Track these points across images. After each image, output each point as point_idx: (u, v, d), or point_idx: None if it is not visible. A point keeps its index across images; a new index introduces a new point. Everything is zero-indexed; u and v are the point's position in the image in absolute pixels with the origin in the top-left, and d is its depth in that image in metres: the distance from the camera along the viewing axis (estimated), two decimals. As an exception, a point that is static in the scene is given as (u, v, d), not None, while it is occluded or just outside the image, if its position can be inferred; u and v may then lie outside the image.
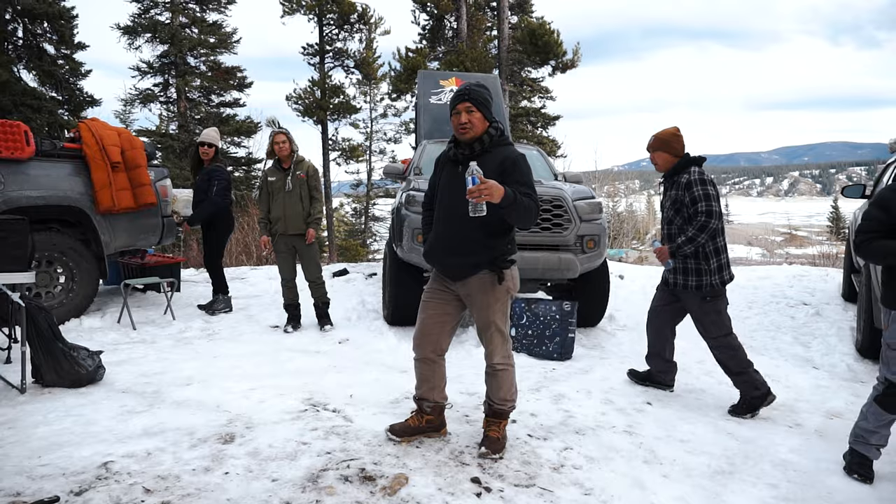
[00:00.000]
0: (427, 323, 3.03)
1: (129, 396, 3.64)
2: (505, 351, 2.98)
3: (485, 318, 2.93)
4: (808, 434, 3.49)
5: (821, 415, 3.83)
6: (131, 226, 5.96)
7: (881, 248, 2.76)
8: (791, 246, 40.22)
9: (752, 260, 27.51)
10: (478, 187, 2.54)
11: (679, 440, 3.27)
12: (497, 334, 2.94)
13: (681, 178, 3.81)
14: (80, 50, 16.96)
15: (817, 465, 3.04)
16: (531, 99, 21.61)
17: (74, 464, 2.66)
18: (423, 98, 8.04)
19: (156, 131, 19.54)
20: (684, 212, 3.80)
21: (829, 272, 8.69)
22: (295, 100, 21.17)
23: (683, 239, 3.72)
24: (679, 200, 3.82)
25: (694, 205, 3.73)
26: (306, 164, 5.62)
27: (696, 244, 3.70)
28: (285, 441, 2.97)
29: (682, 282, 3.85)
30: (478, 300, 2.91)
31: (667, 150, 3.87)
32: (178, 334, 5.43)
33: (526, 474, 2.74)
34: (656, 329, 4.19)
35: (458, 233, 2.84)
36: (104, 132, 5.75)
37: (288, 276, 5.63)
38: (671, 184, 3.90)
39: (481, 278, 2.87)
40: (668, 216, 3.92)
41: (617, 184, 35.86)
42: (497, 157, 2.82)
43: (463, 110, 2.82)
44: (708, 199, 3.69)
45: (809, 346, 5.57)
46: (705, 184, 3.72)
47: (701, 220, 3.67)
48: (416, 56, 18.00)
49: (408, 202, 5.34)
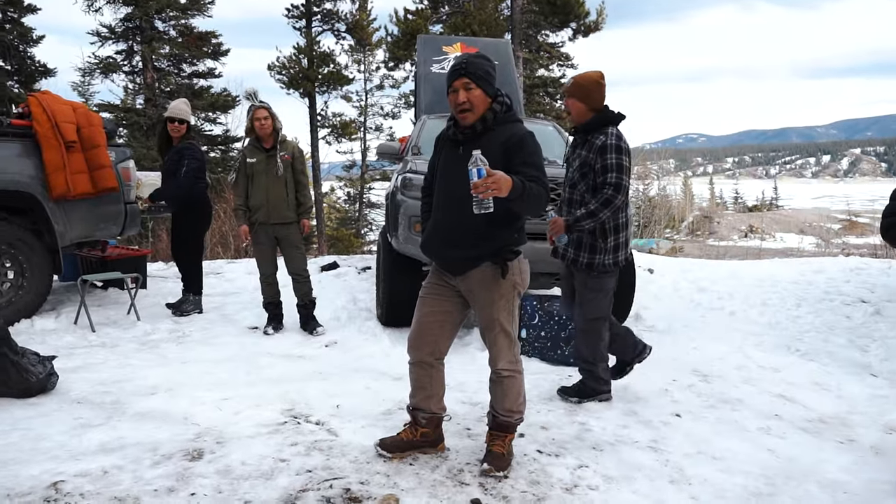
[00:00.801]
0: (424, 322, 3.03)
1: (85, 407, 3.67)
2: (511, 355, 2.98)
3: (488, 317, 2.93)
4: (863, 451, 3.48)
5: (878, 429, 3.82)
6: (89, 214, 5.98)
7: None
8: (850, 234, 40.07)
9: (805, 251, 27.41)
10: (484, 181, 2.52)
11: (711, 457, 3.27)
12: (502, 335, 2.94)
13: (595, 138, 3.75)
14: (30, 13, 17.05)
15: (871, 486, 3.03)
16: (549, 67, 21.56)
17: (20, 483, 2.69)
18: (424, 66, 8.04)
19: (119, 106, 19.63)
20: (590, 178, 3.77)
21: (892, 265, 8.65)
22: (278, 69, 21.21)
23: (583, 212, 3.70)
24: (588, 163, 3.78)
25: (604, 174, 3.69)
26: (291, 144, 5.63)
27: (596, 220, 3.70)
28: (261, 458, 2.99)
29: (573, 256, 3.88)
30: (480, 296, 2.92)
31: (585, 99, 3.79)
32: (144, 337, 5.47)
33: (534, 495, 2.75)
34: (570, 309, 4.20)
35: (458, 221, 2.84)
36: (57, 107, 5.76)
37: (268, 270, 5.64)
38: (583, 142, 3.84)
39: (483, 272, 2.88)
40: (573, 178, 3.89)
41: (649, 164, 35.82)
42: (501, 135, 2.81)
43: (461, 87, 2.78)
44: (619, 170, 3.67)
45: (867, 350, 5.55)
46: (621, 152, 3.69)
47: (607, 194, 3.65)
48: (417, 18, 17.96)
49: (404, 186, 5.34)
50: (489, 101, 2.83)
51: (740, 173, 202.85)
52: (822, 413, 4.02)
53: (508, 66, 8.01)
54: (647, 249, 17.53)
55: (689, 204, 39.08)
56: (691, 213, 46.53)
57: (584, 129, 3.83)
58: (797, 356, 5.45)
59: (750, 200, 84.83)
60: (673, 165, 72.67)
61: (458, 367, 4.68)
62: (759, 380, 4.68)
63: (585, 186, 3.80)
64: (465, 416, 3.68)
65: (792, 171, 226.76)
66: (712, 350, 5.40)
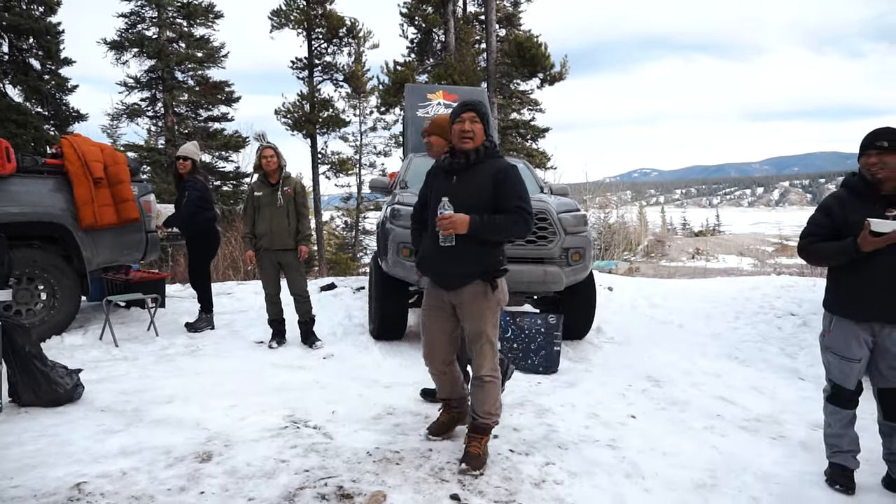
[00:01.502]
0: (431, 340, 3.15)
1: (108, 415, 3.60)
2: (494, 363, 3.03)
3: (476, 329, 2.98)
4: (792, 446, 3.50)
5: (805, 426, 3.84)
6: (114, 241, 5.92)
7: (823, 249, 2.88)
8: (782, 256, 40.49)
9: (744, 270, 27.68)
10: (440, 220, 2.78)
11: (662, 453, 3.27)
12: (488, 345, 3.00)
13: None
14: (66, 65, 17.00)
15: (800, 478, 3.04)
16: (520, 111, 21.76)
17: (47, 485, 2.63)
18: (411, 111, 8.08)
19: (143, 146, 19.54)
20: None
21: (816, 282, 8.74)
22: (284, 113, 21.23)
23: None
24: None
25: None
26: (294, 179, 5.63)
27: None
28: (264, 459, 2.95)
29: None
30: (471, 310, 2.97)
31: (445, 135, 3.56)
32: (161, 351, 5.39)
33: (506, 490, 2.73)
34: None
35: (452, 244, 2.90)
36: (86, 148, 5.74)
37: (272, 291, 5.61)
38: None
39: (475, 288, 2.95)
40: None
41: (608, 195, 36.07)
42: (490, 168, 2.96)
43: (467, 119, 2.96)
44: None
45: (796, 357, 5.59)
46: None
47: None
48: (405, 69, 18.12)
49: (393, 216, 5.35)
50: (484, 138, 3.00)
51: (687, 203, 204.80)
52: (758, 413, 4.04)
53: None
54: (608, 270, 17.61)
55: (644, 230, 39.29)
56: (646, 238, 46.83)
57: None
58: (736, 363, 5.49)
59: (696, 226, 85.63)
60: (629, 196, 73.31)
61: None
62: (703, 384, 4.70)
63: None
64: (446, 420, 3.64)
65: (731, 201, 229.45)
66: (663, 358, 5.42)
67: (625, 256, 29.58)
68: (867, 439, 3.60)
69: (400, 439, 3.28)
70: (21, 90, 16.37)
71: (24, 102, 16.26)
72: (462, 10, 20.77)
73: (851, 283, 2.87)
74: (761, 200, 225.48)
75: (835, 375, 2.98)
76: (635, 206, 64.86)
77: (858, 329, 2.88)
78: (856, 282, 2.85)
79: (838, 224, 2.85)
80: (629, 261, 25.74)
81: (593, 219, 28.12)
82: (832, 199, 2.94)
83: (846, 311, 2.90)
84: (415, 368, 4.96)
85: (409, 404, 3.90)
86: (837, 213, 2.86)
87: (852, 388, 2.95)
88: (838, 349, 2.94)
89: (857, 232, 2.75)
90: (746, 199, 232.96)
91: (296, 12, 21.13)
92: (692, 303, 7.61)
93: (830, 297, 3.00)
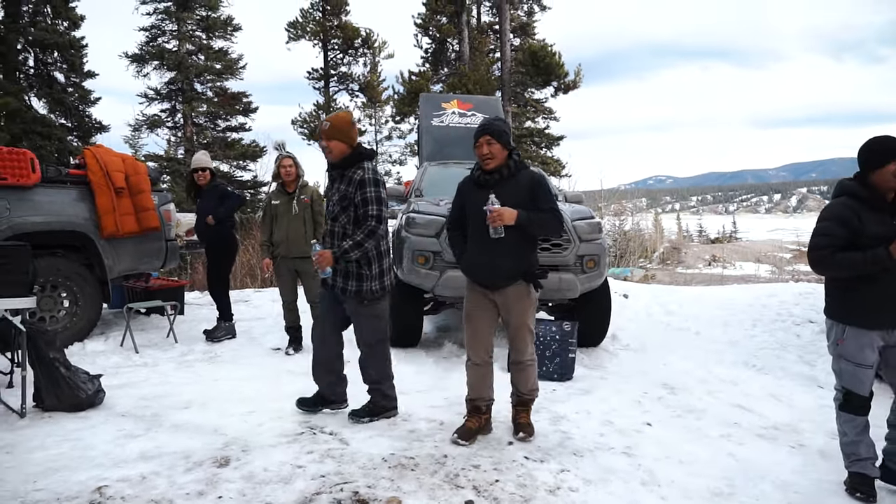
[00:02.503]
0: (477, 328, 3.45)
1: (128, 420, 3.65)
2: (532, 348, 3.48)
3: (520, 321, 3.38)
4: (811, 454, 3.46)
5: (824, 434, 3.78)
6: (135, 250, 6.01)
7: (850, 260, 2.81)
8: (800, 263, 39.89)
9: (761, 277, 27.30)
10: (491, 214, 3.12)
11: (678, 461, 3.24)
12: (529, 334, 3.43)
13: (353, 173, 3.55)
14: (89, 78, 17.32)
15: (819, 486, 3.00)
16: (535, 119, 21.76)
17: (69, 488, 2.67)
18: (426, 120, 8.12)
19: (163, 156, 19.82)
20: (351, 211, 3.55)
21: (835, 289, 8.63)
22: (300, 123, 21.44)
23: (350, 243, 3.48)
24: (348, 197, 3.55)
25: (365, 206, 3.50)
26: (311, 188, 5.69)
27: (362, 250, 3.50)
28: (280, 464, 2.97)
29: (342, 285, 3.61)
30: (515, 307, 3.36)
31: (343, 139, 3.57)
32: (180, 357, 5.45)
33: (521, 497, 2.72)
34: (321, 338, 3.81)
35: (493, 250, 3.27)
36: (108, 158, 5.84)
37: (289, 298, 5.65)
38: (341, 176, 3.61)
39: (517, 288, 3.33)
40: (334, 212, 3.61)
41: (623, 202, 35.86)
42: (524, 179, 3.31)
43: (484, 143, 3.27)
44: (379, 202, 3.51)
45: (814, 365, 5.51)
46: (378, 185, 3.53)
47: (370, 225, 3.47)
48: (420, 79, 18.23)
49: (408, 224, 5.37)
50: (506, 153, 3.30)
51: (703, 210, 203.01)
52: (776, 421, 3.99)
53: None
54: (623, 277, 17.49)
55: (659, 237, 38.99)
56: (662, 245, 46.47)
57: (341, 165, 3.60)
58: (754, 371, 5.42)
59: (712, 233, 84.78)
60: (645, 203, 72.87)
61: (457, 383, 4.64)
62: (720, 392, 4.64)
63: (347, 219, 3.57)
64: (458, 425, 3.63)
65: (748, 208, 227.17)
66: (679, 366, 5.36)
67: (640, 263, 29.36)
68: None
69: (415, 445, 3.28)
70: (46, 102, 16.70)
71: (49, 114, 16.58)
72: (476, 20, 20.89)
73: (869, 292, 2.83)
74: (778, 207, 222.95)
75: (848, 382, 2.95)
76: (651, 213, 64.48)
77: (873, 335, 2.87)
78: (874, 290, 2.82)
79: (856, 234, 2.81)
80: (645, 268, 25.53)
81: (608, 226, 27.96)
82: (843, 209, 2.87)
83: (863, 321, 2.87)
84: (430, 375, 4.96)
85: (424, 411, 3.90)
86: (855, 224, 2.81)
87: (866, 394, 2.93)
88: (852, 356, 2.91)
89: (877, 242, 2.74)
90: (763, 205, 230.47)
91: (312, 24, 21.37)
92: (708, 310, 7.54)
93: (841, 307, 2.95)
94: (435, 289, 5.19)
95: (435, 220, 5.19)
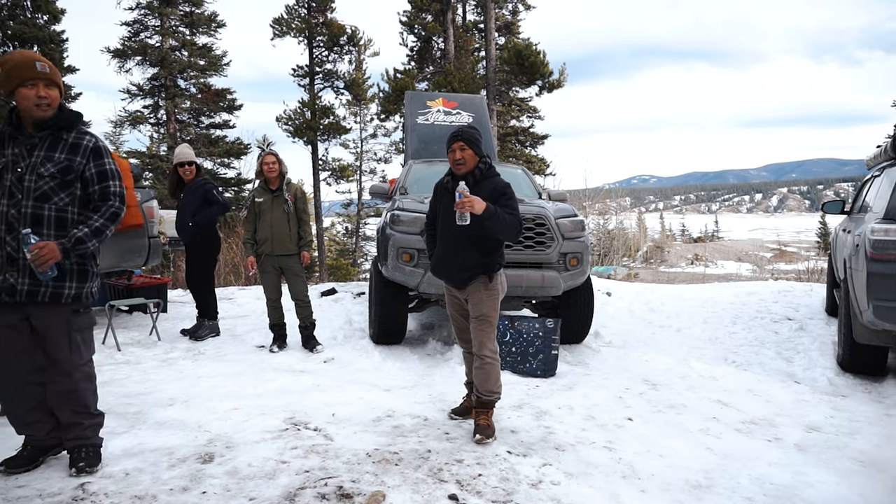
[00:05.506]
0: (458, 325, 3.68)
1: (111, 418, 3.60)
2: (493, 345, 3.47)
3: (478, 310, 3.44)
4: (787, 448, 3.52)
5: (801, 428, 3.86)
6: (118, 247, 5.96)
7: None
8: (781, 262, 40.49)
9: (742, 276, 27.65)
10: (461, 200, 3.16)
11: (658, 455, 3.29)
12: (488, 325, 3.44)
13: (76, 138, 2.73)
14: (70, 73, 17.06)
15: (795, 479, 3.06)
16: (519, 118, 21.84)
17: (52, 485, 2.66)
18: (411, 119, 8.13)
19: (146, 153, 19.61)
20: (77, 187, 2.72)
21: (813, 287, 8.79)
22: (285, 121, 21.28)
23: (86, 230, 2.67)
24: (73, 169, 2.69)
25: (103, 181, 2.75)
26: (294, 186, 5.67)
27: (101, 239, 2.75)
28: (264, 460, 2.97)
29: (54, 290, 2.68)
30: (475, 297, 3.46)
31: (61, 83, 2.75)
32: (163, 355, 5.42)
33: (504, 490, 2.76)
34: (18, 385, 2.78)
35: (459, 251, 3.43)
36: (90, 154, 5.77)
37: (273, 295, 5.64)
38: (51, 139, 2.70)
39: (478, 281, 3.45)
40: (42, 189, 2.63)
41: (608, 201, 36.09)
42: (489, 186, 3.41)
43: (457, 148, 3.40)
44: (117, 176, 2.80)
45: (792, 361, 5.62)
46: (110, 156, 2.80)
47: (115, 206, 2.76)
48: (405, 77, 18.18)
49: (392, 221, 5.38)
50: (478, 159, 3.43)
51: (686, 209, 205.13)
52: (754, 416, 4.06)
53: (484, 117, 8.13)
54: (606, 275, 17.64)
55: (643, 236, 39.33)
56: (645, 244, 46.91)
57: (55, 124, 2.68)
58: (733, 366, 5.51)
59: (695, 232, 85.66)
60: (629, 202, 73.46)
61: (440, 380, 4.69)
62: (700, 387, 4.71)
63: (70, 198, 2.70)
64: (444, 423, 3.67)
65: (730, 207, 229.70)
66: (661, 362, 5.43)
67: (624, 262, 29.58)
68: (863, 442, 3.65)
69: (399, 441, 3.30)
70: (25, 98, 16.44)
71: (28, 110, 16.33)
72: (461, 19, 20.89)
73: None
74: (760, 206, 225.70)
75: None
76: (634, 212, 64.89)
77: None
78: None
79: None
80: (628, 266, 25.74)
81: (592, 225, 28.15)
82: None
83: None
84: (414, 372, 4.99)
85: (409, 407, 3.92)
86: None
87: None
88: None
89: None
90: (745, 205, 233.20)
91: (297, 21, 21.23)
92: (690, 307, 7.65)
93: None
94: (419, 286, 5.21)
95: (420, 218, 5.21)
